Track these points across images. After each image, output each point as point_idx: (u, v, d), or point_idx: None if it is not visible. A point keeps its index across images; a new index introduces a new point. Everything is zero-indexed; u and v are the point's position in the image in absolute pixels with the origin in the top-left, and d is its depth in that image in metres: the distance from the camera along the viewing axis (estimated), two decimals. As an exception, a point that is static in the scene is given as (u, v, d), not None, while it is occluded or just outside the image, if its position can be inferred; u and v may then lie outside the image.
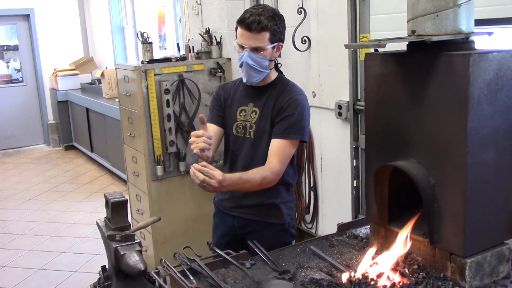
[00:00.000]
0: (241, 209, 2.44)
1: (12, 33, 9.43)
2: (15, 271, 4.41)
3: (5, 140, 9.12)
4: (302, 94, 2.36)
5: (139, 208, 4.22)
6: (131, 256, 2.54)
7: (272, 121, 2.32)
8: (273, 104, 2.33)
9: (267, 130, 2.33)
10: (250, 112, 2.38)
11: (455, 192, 1.73)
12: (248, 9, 2.26)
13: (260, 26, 2.18)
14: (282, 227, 2.45)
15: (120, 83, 4.24)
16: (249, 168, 2.30)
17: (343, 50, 3.18)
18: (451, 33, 1.73)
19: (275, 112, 2.31)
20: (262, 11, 2.20)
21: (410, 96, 1.86)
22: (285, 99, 2.30)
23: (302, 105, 2.31)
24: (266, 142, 2.33)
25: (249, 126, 2.37)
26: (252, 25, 2.18)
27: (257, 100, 2.37)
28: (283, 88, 2.35)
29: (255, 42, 2.22)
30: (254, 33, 2.20)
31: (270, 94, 2.35)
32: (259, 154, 2.35)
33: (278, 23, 2.24)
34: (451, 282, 1.77)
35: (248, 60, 2.25)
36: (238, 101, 2.41)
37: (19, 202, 6.27)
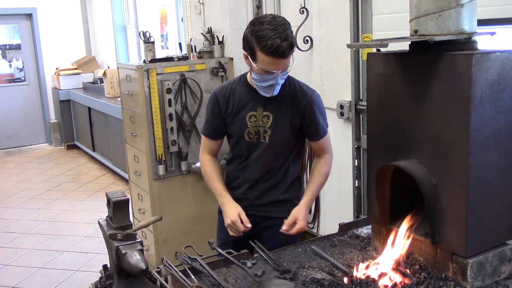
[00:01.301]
0: (256, 207, 2.46)
1: (15, 32, 9.44)
2: (16, 270, 4.42)
3: (7, 139, 9.13)
4: (314, 92, 2.41)
5: (141, 208, 4.22)
6: (133, 255, 2.55)
7: (291, 124, 2.34)
8: (290, 108, 2.34)
9: (286, 134, 2.36)
10: (262, 117, 2.36)
11: (457, 192, 1.72)
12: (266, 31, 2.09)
13: (291, 51, 2.15)
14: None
15: (122, 83, 4.24)
16: (264, 171, 2.41)
17: (345, 49, 3.18)
18: (454, 33, 1.73)
19: (295, 117, 2.34)
20: (283, 29, 2.10)
21: (412, 96, 1.86)
22: (303, 104, 2.34)
23: (320, 102, 2.40)
24: (284, 146, 2.39)
25: (263, 131, 2.37)
26: (287, 51, 2.12)
27: (267, 105, 2.35)
28: (294, 89, 2.35)
29: (286, 64, 2.18)
30: (285, 58, 2.14)
31: (282, 97, 2.33)
32: (275, 157, 2.40)
33: (292, 32, 2.19)
34: (453, 282, 1.77)
35: (280, 82, 2.24)
36: (245, 107, 2.37)
37: (21, 201, 6.28)
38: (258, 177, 2.44)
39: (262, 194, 2.46)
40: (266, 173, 2.43)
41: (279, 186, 2.45)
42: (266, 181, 2.44)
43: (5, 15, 8.91)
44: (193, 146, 4.04)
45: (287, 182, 2.46)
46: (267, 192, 2.45)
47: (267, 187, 2.45)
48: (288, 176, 2.46)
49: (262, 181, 2.44)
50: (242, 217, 2.34)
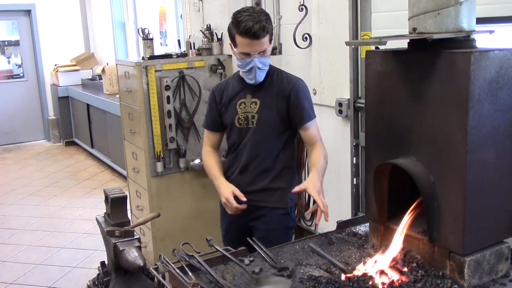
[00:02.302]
0: (248, 195, 2.49)
1: (14, 28, 9.42)
2: (14, 266, 4.42)
3: (6, 136, 9.12)
4: (299, 79, 2.54)
5: (139, 204, 4.22)
6: (130, 252, 2.55)
7: (277, 109, 2.47)
8: (276, 93, 2.48)
9: (272, 118, 2.48)
10: (250, 103, 2.51)
11: (455, 190, 1.73)
12: (242, 17, 2.32)
13: (265, 31, 2.32)
14: (285, 210, 2.57)
15: (120, 79, 4.24)
16: (253, 155, 2.52)
17: (344, 47, 3.17)
18: (452, 31, 1.73)
19: (281, 102, 2.47)
20: (258, 15, 2.32)
21: (410, 94, 1.85)
22: (287, 89, 2.47)
23: (304, 88, 2.51)
24: (271, 130, 2.50)
25: (251, 117, 2.50)
26: (259, 32, 2.30)
27: (256, 92, 2.51)
28: (280, 78, 2.52)
29: (262, 47, 2.36)
30: (261, 39, 2.33)
31: (269, 84, 2.50)
32: (263, 141, 2.51)
33: (271, 22, 2.39)
34: (450, 280, 1.77)
35: (258, 64, 2.39)
36: (236, 96, 2.54)
37: (19, 198, 6.27)
38: (248, 161, 2.55)
39: (252, 179, 2.55)
40: (255, 157, 2.53)
41: (268, 173, 2.54)
42: (255, 166, 2.54)
43: (3, 11, 8.89)
44: (191, 143, 4.04)
45: (276, 170, 2.54)
46: (257, 178, 2.55)
47: (257, 173, 2.55)
48: (277, 163, 2.55)
49: (252, 166, 2.54)
50: (236, 193, 2.45)
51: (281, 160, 2.55)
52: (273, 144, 2.52)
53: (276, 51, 3.93)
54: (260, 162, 2.53)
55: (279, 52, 3.92)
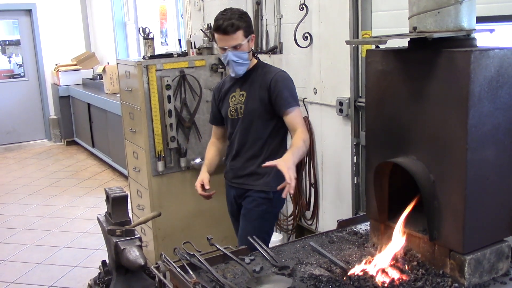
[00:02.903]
0: (239, 179, 2.82)
1: (14, 28, 9.42)
2: (16, 266, 4.42)
3: (7, 135, 9.12)
4: (281, 71, 2.75)
5: (140, 204, 4.22)
6: (131, 251, 2.56)
7: (260, 100, 2.68)
8: (259, 85, 2.70)
9: (256, 108, 2.70)
10: (239, 95, 2.77)
11: (455, 189, 1.73)
12: (217, 16, 2.65)
13: (234, 28, 2.60)
14: (266, 195, 2.74)
15: (121, 79, 4.24)
16: (242, 142, 2.77)
17: (345, 46, 3.17)
18: (453, 30, 1.73)
19: (263, 92, 2.68)
20: (231, 14, 2.61)
21: (411, 92, 1.86)
22: (269, 79, 2.67)
23: (285, 79, 2.69)
24: (256, 118, 2.71)
25: (239, 107, 2.75)
26: (228, 28, 2.59)
27: (243, 85, 2.76)
28: (265, 70, 2.74)
29: (233, 42, 2.63)
30: (231, 35, 2.61)
31: (254, 78, 2.73)
32: (250, 129, 2.74)
33: (246, 20, 2.66)
34: (450, 279, 1.77)
35: (233, 57, 2.66)
36: (229, 90, 2.82)
37: (20, 197, 6.28)
38: (239, 148, 2.80)
39: (243, 164, 2.80)
40: (244, 144, 2.77)
41: (257, 158, 2.74)
42: (245, 152, 2.77)
43: (4, 10, 8.89)
44: (192, 142, 4.04)
45: (264, 155, 2.72)
46: (247, 163, 2.78)
47: (246, 158, 2.78)
48: (265, 150, 2.75)
49: (242, 152, 2.78)
50: (204, 181, 2.78)
51: (269, 146, 2.74)
52: (260, 131, 2.72)
53: (276, 50, 3.93)
54: (249, 148, 2.76)
55: (279, 51, 3.92)
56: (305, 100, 3.72)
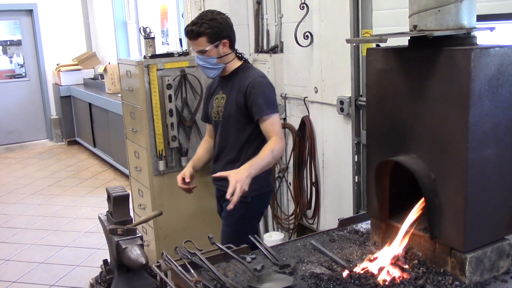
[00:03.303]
0: (219, 181, 2.78)
1: (16, 28, 9.43)
2: (18, 265, 4.43)
3: (8, 135, 9.14)
4: (259, 76, 2.68)
5: (141, 203, 4.23)
6: (133, 250, 2.55)
7: (237, 104, 2.66)
8: (237, 89, 2.68)
9: (233, 112, 2.69)
10: (221, 98, 2.77)
11: (455, 187, 1.73)
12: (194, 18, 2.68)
13: (194, 35, 2.61)
14: (244, 199, 2.59)
15: (122, 78, 4.24)
16: (222, 145, 2.78)
17: (345, 45, 3.17)
18: (453, 28, 1.73)
19: (240, 96, 2.65)
20: (199, 19, 2.62)
21: (411, 91, 1.86)
22: (246, 84, 2.64)
23: (261, 84, 2.63)
24: (234, 123, 2.70)
25: (220, 110, 2.77)
26: (188, 34, 2.65)
27: (225, 88, 2.77)
28: (244, 74, 2.70)
29: (197, 47, 2.65)
30: (193, 40, 2.64)
31: (233, 81, 2.72)
32: (229, 133, 2.74)
33: (214, 27, 2.61)
34: (451, 277, 1.77)
35: (198, 61, 2.71)
36: (214, 92, 2.84)
37: (22, 197, 6.29)
38: (218, 151, 2.82)
39: (222, 167, 2.75)
40: (223, 148, 2.78)
41: (236, 162, 2.69)
42: (224, 156, 2.78)
43: (5, 11, 8.89)
44: (193, 141, 4.05)
45: (242, 160, 2.66)
46: (226, 167, 2.71)
47: (225, 162, 2.78)
48: (243, 155, 2.71)
49: (222, 155, 2.80)
50: (186, 175, 2.80)
51: (247, 151, 2.70)
52: (238, 136, 2.71)
53: (277, 49, 3.93)
54: (228, 152, 2.76)
55: (280, 50, 3.93)
56: (306, 99, 3.72)
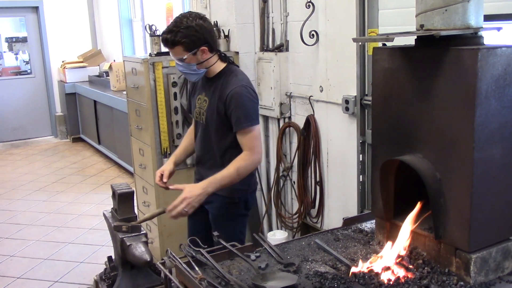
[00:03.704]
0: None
1: (21, 25, 9.46)
2: (22, 261, 4.45)
3: (13, 132, 9.17)
4: (240, 85, 2.57)
5: (146, 200, 4.24)
6: (137, 247, 2.57)
7: (217, 111, 2.61)
8: (218, 97, 2.61)
9: (214, 118, 2.63)
10: (203, 100, 2.72)
11: (461, 187, 1.73)
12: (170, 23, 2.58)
13: (169, 44, 2.54)
14: (232, 200, 2.70)
15: (128, 76, 4.25)
16: (204, 150, 2.74)
17: (351, 44, 3.17)
18: (460, 28, 1.73)
19: (221, 105, 2.59)
20: (174, 26, 2.51)
21: (417, 90, 1.86)
22: (226, 93, 2.56)
23: (240, 96, 2.54)
24: (214, 127, 2.65)
25: (202, 113, 2.72)
26: (163, 43, 2.57)
27: (207, 90, 2.69)
28: (226, 80, 2.61)
29: (174, 55, 2.58)
30: (170, 49, 2.57)
31: (216, 86, 2.64)
32: (209, 138, 2.69)
33: (191, 35, 2.50)
34: (456, 277, 1.77)
35: (178, 67, 2.65)
36: (198, 91, 2.78)
37: (27, 193, 6.31)
38: (200, 154, 2.79)
39: (206, 171, 2.71)
40: (206, 152, 2.74)
41: (217, 169, 2.61)
42: (206, 160, 2.74)
43: (11, 7, 8.93)
44: (198, 139, 4.05)
45: (226, 165, 2.59)
46: (208, 172, 2.66)
47: (207, 167, 2.74)
48: (226, 161, 2.62)
49: (204, 160, 2.76)
50: (164, 173, 2.75)
51: (230, 157, 2.61)
52: (220, 142, 2.66)
53: (283, 48, 3.93)
54: (210, 157, 2.71)
55: (285, 49, 3.92)
56: (311, 98, 3.72)
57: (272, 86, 3.96)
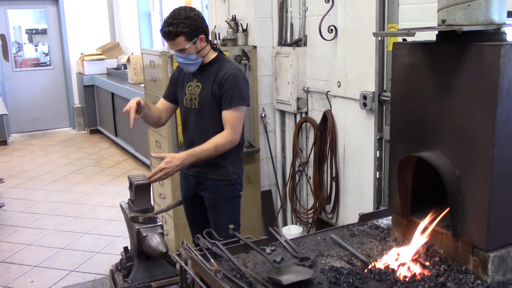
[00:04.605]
0: (196, 168, 2.84)
1: (41, 17, 9.56)
2: (39, 250, 4.52)
3: (33, 123, 9.29)
4: (235, 68, 2.78)
5: (162, 193, 4.27)
6: (153, 238, 2.59)
7: (212, 94, 2.74)
8: (213, 80, 2.74)
9: (208, 101, 2.76)
10: (195, 86, 2.83)
11: (480, 184, 1.71)
12: (167, 16, 2.67)
13: (172, 36, 2.63)
14: (228, 182, 2.85)
15: (145, 69, 4.27)
16: (198, 133, 2.82)
17: (370, 40, 3.15)
18: (483, 24, 1.70)
19: (216, 86, 2.73)
20: (173, 19, 2.62)
21: (437, 86, 1.84)
22: (221, 75, 2.72)
23: (235, 76, 2.72)
24: (209, 111, 2.77)
25: (194, 98, 2.82)
26: (166, 36, 2.66)
27: (199, 77, 2.82)
28: (220, 65, 2.77)
29: (175, 47, 2.68)
30: (172, 41, 2.66)
31: (210, 71, 2.78)
32: (204, 121, 2.81)
33: (190, 24, 2.64)
34: (473, 275, 1.76)
35: (178, 59, 2.75)
36: (187, 78, 2.87)
37: (45, 183, 6.39)
38: (193, 138, 2.85)
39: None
40: (199, 135, 2.81)
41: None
42: (201, 142, 2.74)
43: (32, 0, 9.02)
44: (214, 133, 4.06)
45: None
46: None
47: None
48: None
49: (197, 142, 2.77)
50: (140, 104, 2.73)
51: None
52: (213, 125, 2.77)
53: (301, 43, 3.92)
54: (204, 140, 2.73)
55: (304, 44, 3.91)
56: (328, 93, 3.71)
57: (290, 81, 3.96)
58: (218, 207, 2.88)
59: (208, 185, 2.86)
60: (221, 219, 2.82)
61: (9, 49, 9.03)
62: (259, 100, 4.20)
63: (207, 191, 2.88)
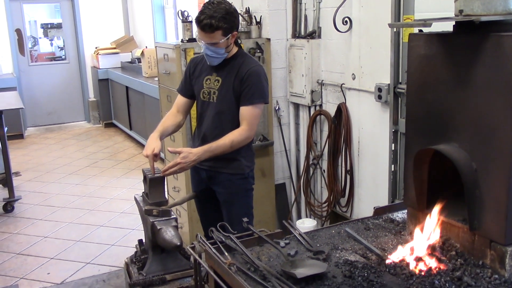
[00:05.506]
0: (209, 162, 2.79)
1: (56, 11, 9.62)
2: (55, 242, 4.56)
3: (48, 116, 9.37)
4: (258, 65, 2.79)
5: (176, 186, 4.28)
6: (168, 231, 2.60)
7: (234, 89, 2.73)
8: (235, 75, 2.73)
9: (228, 96, 2.74)
10: (214, 80, 2.80)
11: (498, 178, 1.68)
12: (202, 9, 2.61)
13: (212, 29, 2.58)
14: (242, 175, 2.85)
15: (159, 62, 4.28)
16: (213, 127, 2.81)
17: (385, 31, 3.11)
18: (501, 14, 1.67)
19: (237, 82, 2.72)
20: (214, 12, 2.56)
21: (455, 78, 1.81)
22: (244, 71, 2.71)
23: (258, 74, 2.72)
24: (228, 106, 2.76)
25: (213, 92, 2.80)
26: (205, 28, 2.59)
27: (220, 71, 2.79)
28: (242, 61, 2.76)
29: (210, 40, 2.63)
30: (208, 33, 2.60)
31: (232, 67, 2.76)
32: (221, 116, 2.78)
33: (230, 20, 2.62)
34: (490, 270, 1.73)
35: (207, 52, 2.70)
36: (205, 72, 2.85)
37: (60, 176, 6.46)
38: (208, 132, 2.83)
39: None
40: (214, 129, 2.80)
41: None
42: (214, 137, 2.74)
43: (47, -6, 9.09)
44: (228, 126, 4.05)
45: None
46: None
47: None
48: None
49: (211, 136, 2.77)
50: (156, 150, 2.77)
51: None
52: (230, 119, 2.76)
53: (315, 35, 3.89)
54: (218, 134, 2.74)
55: (318, 36, 3.88)
56: (343, 86, 3.68)
57: (304, 74, 3.93)
58: (232, 201, 2.87)
59: (222, 179, 2.85)
60: (235, 212, 2.82)
61: (25, 44, 9.10)
62: (273, 93, 4.18)
63: (221, 185, 2.87)
